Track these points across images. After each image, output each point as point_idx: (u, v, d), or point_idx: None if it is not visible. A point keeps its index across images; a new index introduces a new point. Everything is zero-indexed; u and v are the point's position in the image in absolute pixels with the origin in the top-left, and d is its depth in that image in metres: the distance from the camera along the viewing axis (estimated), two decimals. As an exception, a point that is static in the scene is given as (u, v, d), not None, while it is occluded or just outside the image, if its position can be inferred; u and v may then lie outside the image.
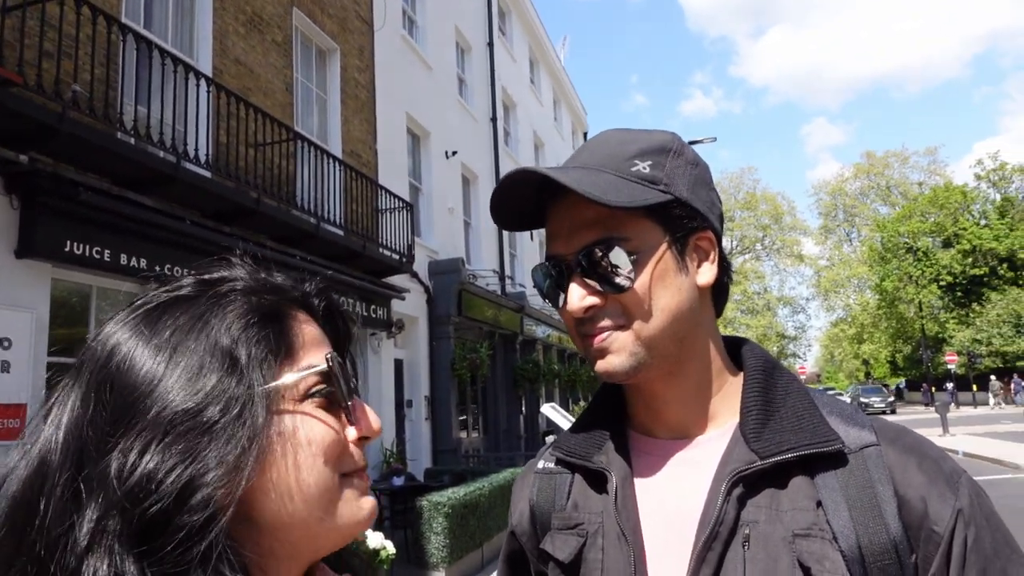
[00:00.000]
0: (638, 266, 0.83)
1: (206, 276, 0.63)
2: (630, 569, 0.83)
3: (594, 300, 0.84)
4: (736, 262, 54.93)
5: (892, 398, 42.16)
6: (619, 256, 0.82)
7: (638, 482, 0.88)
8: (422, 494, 8.22)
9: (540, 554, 0.94)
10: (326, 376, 0.62)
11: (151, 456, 0.52)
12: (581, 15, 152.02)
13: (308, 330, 0.64)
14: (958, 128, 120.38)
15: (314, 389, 0.61)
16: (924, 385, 44.72)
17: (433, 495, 7.78)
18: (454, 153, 15.99)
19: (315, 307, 0.68)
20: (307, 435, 0.59)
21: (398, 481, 9.94)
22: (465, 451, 14.52)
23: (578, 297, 0.84)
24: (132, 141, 6.78)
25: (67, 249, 6.34)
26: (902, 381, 57.36)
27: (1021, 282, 44.82)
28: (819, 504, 0.77)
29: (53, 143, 5.98)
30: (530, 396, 18.98)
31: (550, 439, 1.14)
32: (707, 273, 0.88)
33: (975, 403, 41.14)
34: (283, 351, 0.60)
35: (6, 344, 5.98)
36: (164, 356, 0.56)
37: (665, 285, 0.84)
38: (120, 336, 0.58)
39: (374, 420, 0.65)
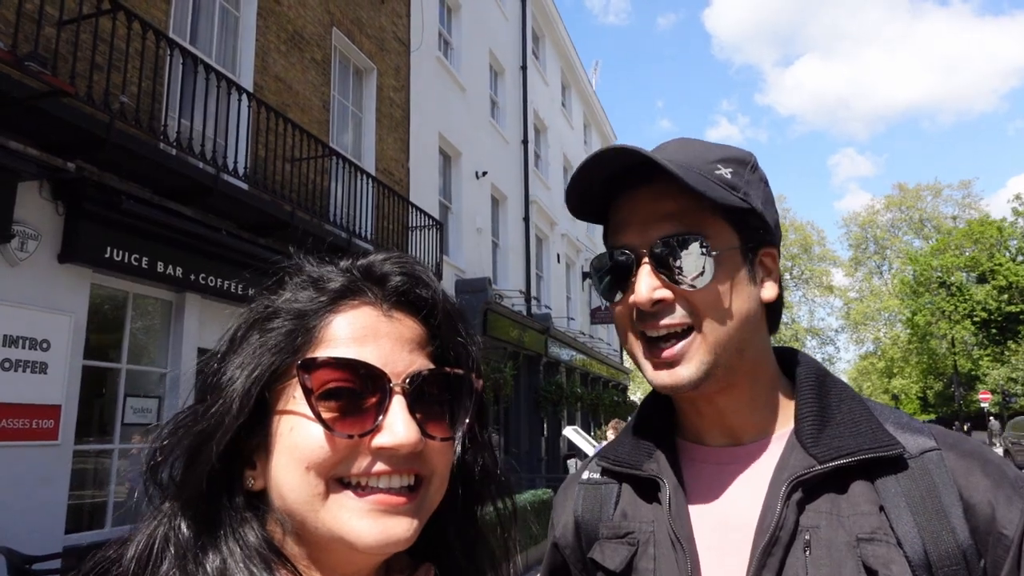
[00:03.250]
0: (718, 265, 0.82)
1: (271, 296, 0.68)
2: None
3: (665, 293, 0.82)
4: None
5: None
6: (696, 253, 0.81)
7: (690, 489, 0.88)
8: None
9: (587, 564, 0.93)
10: (346, 374, 0.60)
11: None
12: (610, 39, 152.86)
13: (342, 323, 0.62)
14: (992, 162, 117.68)
15: (327, 387, 0.59)
16: (955, 423, 43.55)
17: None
18: (484, 174, 16.11)
19: (380, 290, 0.66)
20: (296, 438, 0.59)
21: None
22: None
23: (648, 287, 0.81)
24: (174, 153, 6.96)
25: (107, 255, 6.50)
26: (932, 419, 55.97)
27: (1059, 321, 43.69)
28: (881, 509, 0.76)
29: (100, 152, 6.16)
30: (552, 418, 18.86)
31: (571, 463, 1.12)
32: (771, 289, 0.88)
33: (1009, 444, 39.98)
34: (292, 351, 0.61)
35: (45, 346, 6.11)
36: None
37: (738, 291, 0.84)
38: None
39: (401, 430, 0.59)
